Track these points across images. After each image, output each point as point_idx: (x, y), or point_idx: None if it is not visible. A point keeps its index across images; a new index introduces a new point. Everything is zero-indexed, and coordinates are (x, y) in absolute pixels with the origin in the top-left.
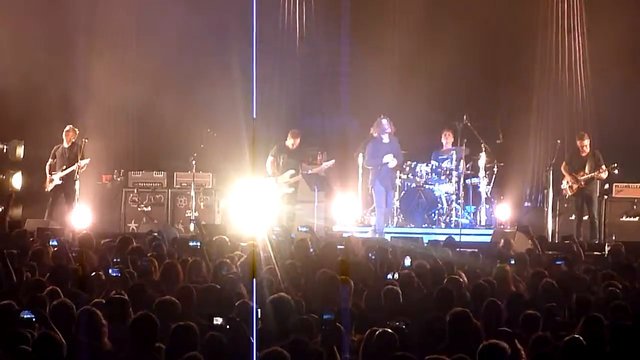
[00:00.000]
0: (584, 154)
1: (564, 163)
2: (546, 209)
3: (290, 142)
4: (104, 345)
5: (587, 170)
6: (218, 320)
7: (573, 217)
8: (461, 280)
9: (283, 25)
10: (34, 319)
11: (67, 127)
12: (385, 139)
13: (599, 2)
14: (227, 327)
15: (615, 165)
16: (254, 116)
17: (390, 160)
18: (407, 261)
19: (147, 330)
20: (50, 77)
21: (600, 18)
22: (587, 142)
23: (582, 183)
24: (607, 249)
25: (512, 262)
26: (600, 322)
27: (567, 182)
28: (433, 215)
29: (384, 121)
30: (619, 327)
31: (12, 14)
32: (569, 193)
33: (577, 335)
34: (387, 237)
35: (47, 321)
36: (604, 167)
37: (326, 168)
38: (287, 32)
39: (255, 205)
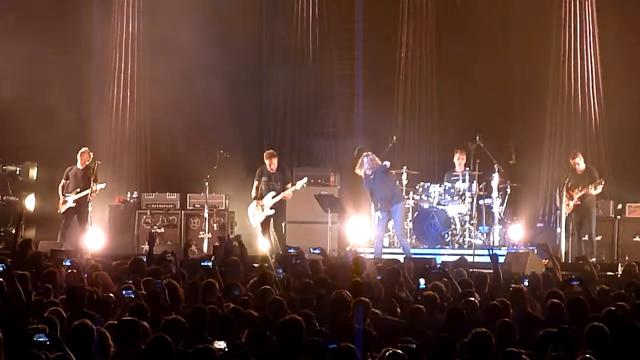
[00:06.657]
0: (579, 172)
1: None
2: (559, 230)
3: (267, 164)
4: None
5: (580, 187)
6: (220, 345)
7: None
8: (475, 300)
9: (295, 44)
10: (47, 343)
11: (83, 149)
12: (371, 174)
13: (611, 23)
14: (226, 350)
15: (600, 181)
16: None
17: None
18: (422, 282)
19: (164, 353)
20: (63, 100)
21: (612, 39)
22: (579, 159)
23: (577, 200)
24: (620, 269)
25: (526, 282)
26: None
27: (565, 201)
28: (446, 236)
29: (365, 160)
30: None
31: (26, 41)
32: (566, 212)
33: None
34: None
35: (61, 344)
36: (596, 183)
37: (299, 188)
38: (299, 52)
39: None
